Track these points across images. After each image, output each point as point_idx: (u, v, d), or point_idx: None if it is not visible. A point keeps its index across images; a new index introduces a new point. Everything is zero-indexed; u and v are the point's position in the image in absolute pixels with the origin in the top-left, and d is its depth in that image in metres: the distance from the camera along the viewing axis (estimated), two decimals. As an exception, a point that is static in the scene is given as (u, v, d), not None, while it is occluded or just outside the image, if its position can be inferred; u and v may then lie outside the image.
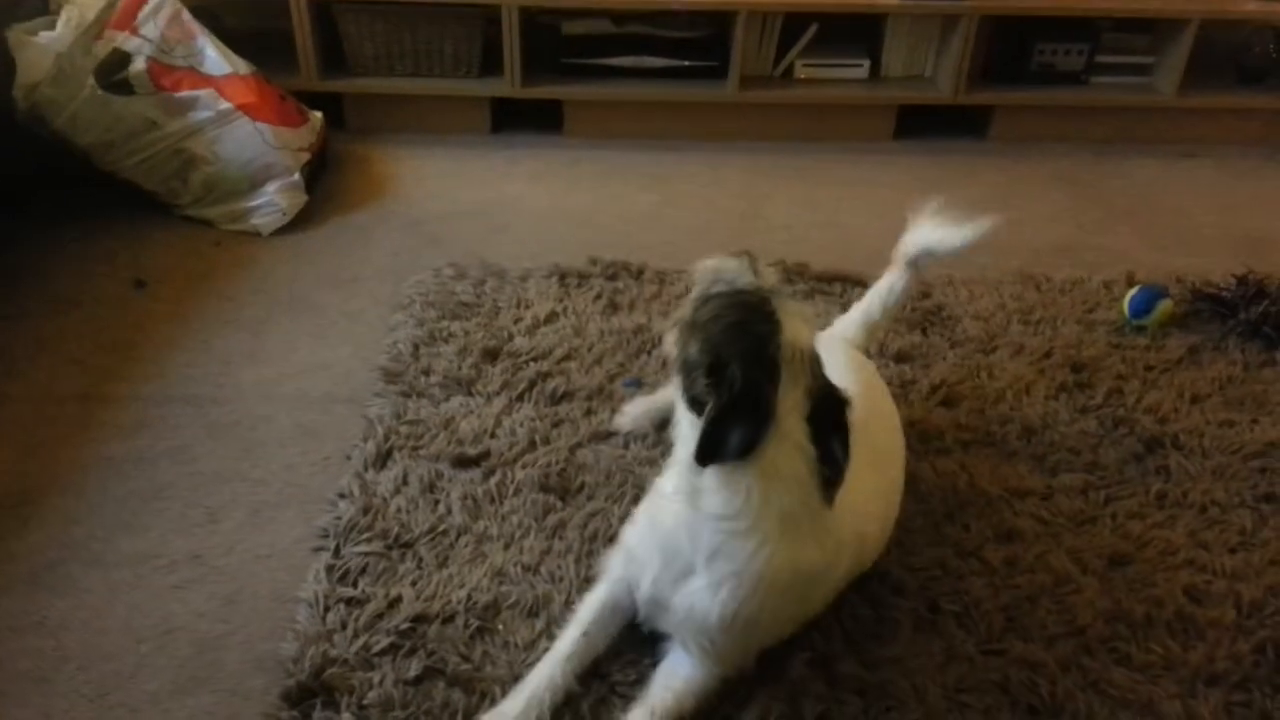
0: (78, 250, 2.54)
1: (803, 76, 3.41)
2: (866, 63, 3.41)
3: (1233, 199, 3.10)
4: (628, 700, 1.43)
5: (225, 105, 2.67)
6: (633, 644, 1.51)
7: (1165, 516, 1.81)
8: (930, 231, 1.93)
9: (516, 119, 3.37)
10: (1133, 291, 2.36)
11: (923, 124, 3.41)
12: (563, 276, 2.47)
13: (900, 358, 2.20)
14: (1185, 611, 1.61)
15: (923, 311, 2.37)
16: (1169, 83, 3.36)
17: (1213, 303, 2.38)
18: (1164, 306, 2.32)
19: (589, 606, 1.50)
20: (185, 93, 2.66)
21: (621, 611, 1.50)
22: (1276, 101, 3.45)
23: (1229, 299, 2.37)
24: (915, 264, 1.95)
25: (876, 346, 2.21)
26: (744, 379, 1.24)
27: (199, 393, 2.08)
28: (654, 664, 1.47)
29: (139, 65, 2.62)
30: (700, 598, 1.35)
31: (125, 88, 2.61)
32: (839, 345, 1.82)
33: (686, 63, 3.33)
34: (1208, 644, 1.56)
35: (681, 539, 1.36)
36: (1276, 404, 2.10)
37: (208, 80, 2.70)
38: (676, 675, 1.43)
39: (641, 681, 1.45)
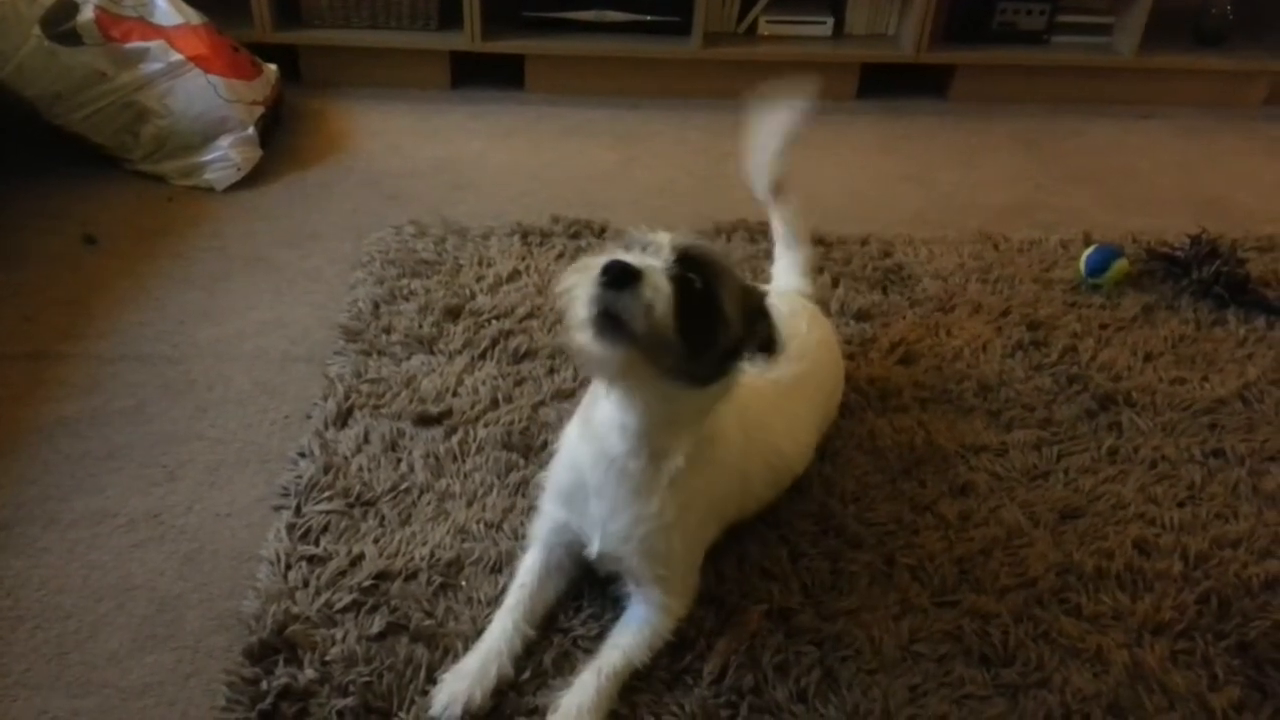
0: (26, 206, 2.48)
1: (766, 34, 3.39)
2: (830, 20, 3.40)
3: (1188, 160, 3.14)
4: (589, 653, 1.44)
5: (176, 57, 2.61)
6: (594, 598, 1.53)
7: (1116, 471, 1.85)
8: (759, 152, 1.96)
9: (477, 74, 3.33)
10: (1089, 251, 2.39)
11: (885, 83, 3.42)
12: (525, 235, 2.45)
13: (860, 316, 2.22)
14: (1134, 564, 1.65)
15: (883, 270, 2.39)
16: (1128, 43, 3.39)
17: (1167, 262, 2.42)
18: (1119, 266, 2.36)
19: (526, 566, 1.52)
20: (135, 44, 2.59)
21: (559, 568, 1.52)
22: (1232, 63, 3.49)
23: (1182, 259, 2.40)
24: (778, 185, 1.99)
25: (837, 304, 2.23)
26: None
27: (154, 351, 2.05)
28: (615, 618, 1.49)
29: (87, 15, 2.55)
30: (657, 518, 1.40)
31: (73, 38, 2.54)
32: (775, 294, 1.86)
33: (649, 18, 3.30)
34: (1155, 595, 1.60)
35: (606, 474, 1.41)
36: (1226, 362, 2.15)
37: (158, 31, 2.64)
38: (628, 631, 1.45)
39: (603, 635, 1.47)
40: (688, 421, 1.38)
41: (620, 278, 1.20)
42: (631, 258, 1.23)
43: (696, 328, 1.25)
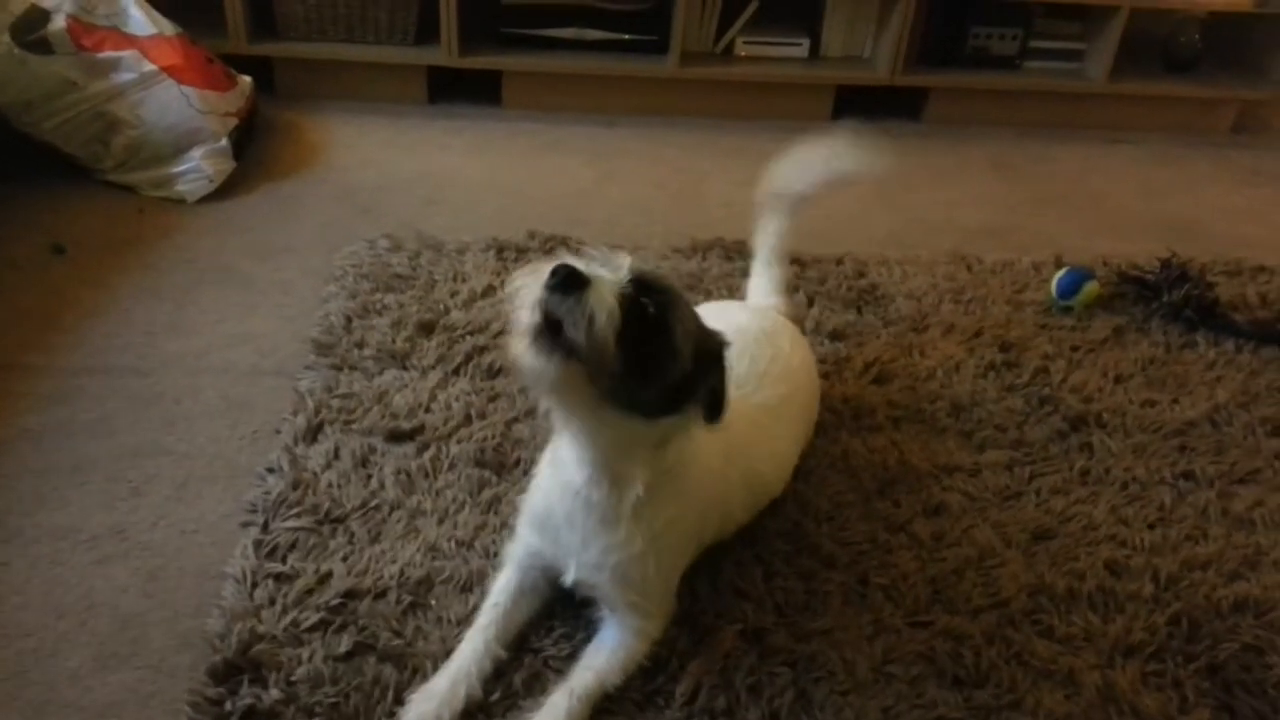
0: (-8, 215, 2.45)
1: (743, 54, 3.41)
2: (806, 41, 3.42)
3: (1158, 184, 3.18)
4: (560, 674, 1.43)
5: (149, 67, 2.59)
6: (566, 618, 1.51)
7: (1088, 493, 1.86)
8: (814, 166, 1.98)
9: (454, 89, 3.32)
10: (1060, 273, 2.41)
11: (860, 105, 3.45)
12: (500, 250, 2.44)
13: (835, 335, 2.22)
14: (1105, 585, 1.66)
15: (858, 290, 2.40)
16: (1099, 69, 3.44)
17: (1137, 285, 2.45)
18: (1090, 288, 2.38)
19: (499, 587, 1.50)
20: (107, 53, 2.57)
21: (533, 590, 1.51)
22: (1201, 90, 3.55)
23: (1153, 282, 2.43)
24: (796, 204, 2.01)
25: (812, 324, 2.23)
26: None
27: (121, 364, 2.01)
28: (587, 639, 1.47)
29: (58, 24, 2.52)
30: (625, 547, 1.38)
31: (44, 46, 2.51)
32: (752, 311, 1.90)
33: (627, 36, 3.31)
34: (1126, 616, 1.61)
35: (573, 504, 1.39)
36: (1197, 384, 2.17)
37: (131, 41, 2.61)
38: (600, 653, 1.44)
39: (575, 656, 1.45)
40: (642, 452, 1.35)
41: (567, 282, 1.17)
42: (584, 266, 1.20)
43: (640, 353, 1.21)
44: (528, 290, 1.19)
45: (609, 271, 1.22)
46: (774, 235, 2.04)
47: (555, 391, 1.25)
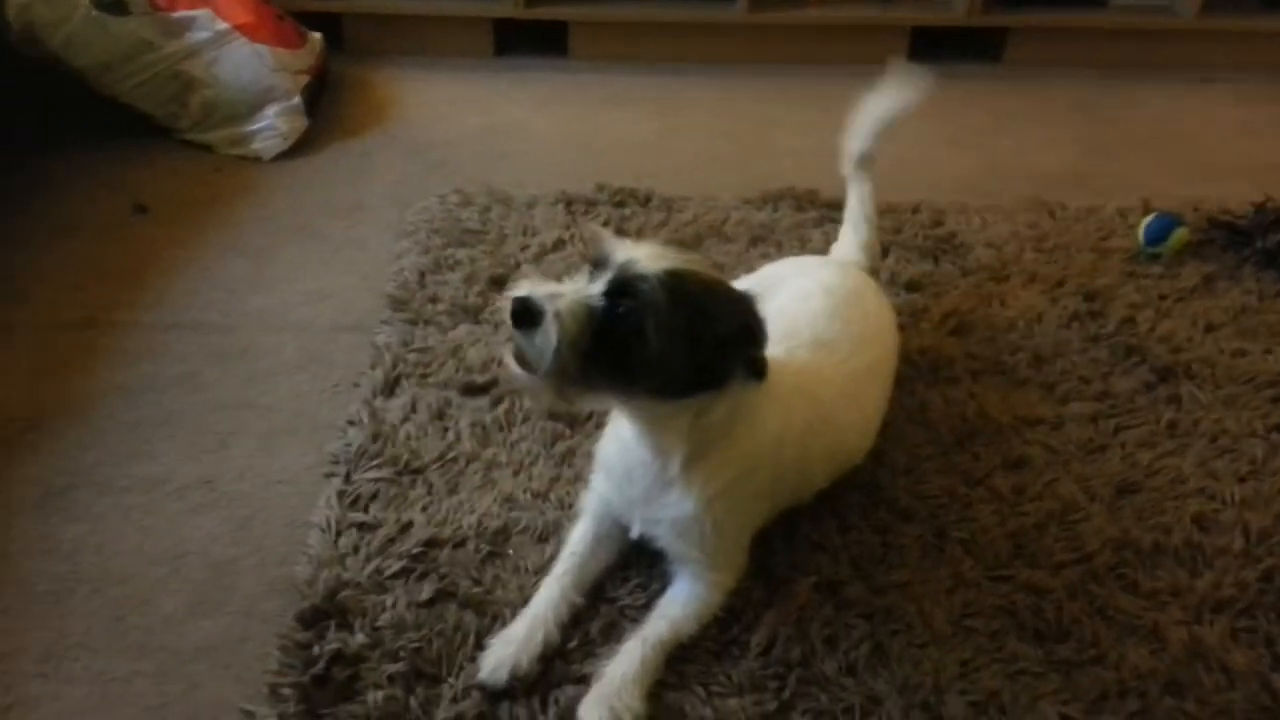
0: (76, 176, 2.51)
1: (814, -3, 3.32)
2: (880, -17, 3.32)
3: (1251, 125, 3.04)
4: (635, 623, 1.44)
5: (223, 25, 2.62)
6: (641, 569, 1.52)
7: (1175, 445, 1.81)
8: (864, 122, 1.96)
9: (520, 41, 3.30)
10: (1148, 219, 2.33)
11: (937, 47, 3.34)
12: (569, 203, 2.44)
13: (911, 286, 2.18)
14: (1193, 540, 1.62)
15: (935, 239, 2.34)
16: (1189, 4, 3.28)
17: (1228, 231, 2.35)
18: (1179, 234, 2.29)
19: (576, 536, 1.52)
20: (181, 12, 2.60)
21: (609, 538, 1.52)
22: (1298, 25, 3.36)
23: (1245, 227, 2.33)
24: (865, 162, 1.98)
25: (888, 275, 2.19)
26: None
27: (204, 320, 2.06)
28: (662, 589, 1.48)
29: (134, -16, 2.55)
30: (678, 506, 1.40)
31: (120, 7, 2.55)
32: (837, 267, 1.86)
33: (695, -18, 3.25)
34: (1215, 572, 1.57)
35: (631, 462, 1.43)
36: (1290, 333, 2.09)
37: (205, 0, 2.64)
38: (675, 603, 1.45)
39: (650, 606, 1.46)
40: (673, 424, 1.35)
41: (520, 317, 1.24)
42: (546, 292, 1.24)
43: (620, 358, 1.24)
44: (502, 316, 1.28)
45: (594, 280, 1.26)
46: (857, 197, 2.00)
47: (547, 403, 1.39)
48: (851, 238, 1.99)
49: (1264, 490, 1.72)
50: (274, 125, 2.64)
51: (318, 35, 2.92)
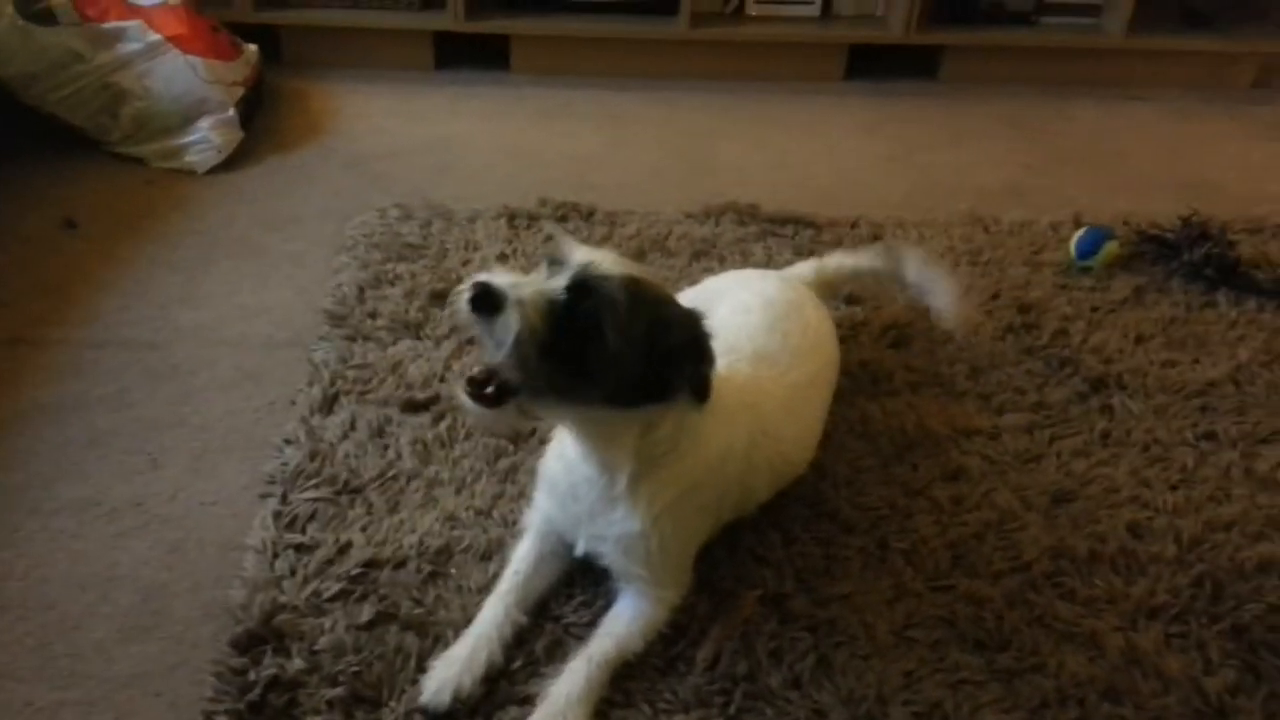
0: (3, 190, 2.43)
1: (754, 14, 3.36)
2: (818, 0, 3.36)
3: (1177, 142, 3.13)
4: (580, 641, 1.43)
5: (155, 37, 2.57)
6: (586, 586, 1.51)
7: (1109, 455, 1.84)
8: (928, 279, 2.03)
9: (461, 54, 3.28)
10: (1079, 233, 2.38)
11: (874, 64, 3.39)
12: (512, 217, 2.42)
13: (852, 300, 2.20)
14: (1127, 547, 1.65)
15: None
16: (1117, 24, 3.37)
17: (1157, 244, 2.41)
18: (1109, 248, 2.35)
19: (520, 554, 1.51)
20: (112, 23, 2.55)
21: (552, 556, 1.51)
22: (1220, 45, 3.48)
23: (1173, 241, 2.39)
24: (900, 277, 2.05)
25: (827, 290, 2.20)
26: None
27: (135, 337, 2.01)
28: (607, 606, 1.47)
29: (62, -7, 2.49)
30: (624, 523, 1.39)
31: (48, 17, 2.49)
32: (777, 280, 1.88)
33: (637, -3, 3.26)
34: (1149, 578, 1.60)
35: (575, 479, 1.42)
36: (1217, 344, 2.14)
37: (136, 10, 2.59)
38: (620, 620, 1.44)
39: (595, 624, 1.45)
40: (627, 439, 1.35)
41: (481, 302, 1.20)
42: (507, 281, 1.21)
43: (579, 356, 1.23)
44: (458, 304, 1.23)
45: (551, 277, 1.24)
46: (862, 265, 2.07)
47: (500, 432, 1.38)
48: (818, 266, 2.04)
49: (1194, 497, 1.76)
50: (208, 138, 2.60)
51: (253, 47, 2.88)
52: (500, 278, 1.22)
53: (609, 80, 3.26)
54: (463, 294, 1.22)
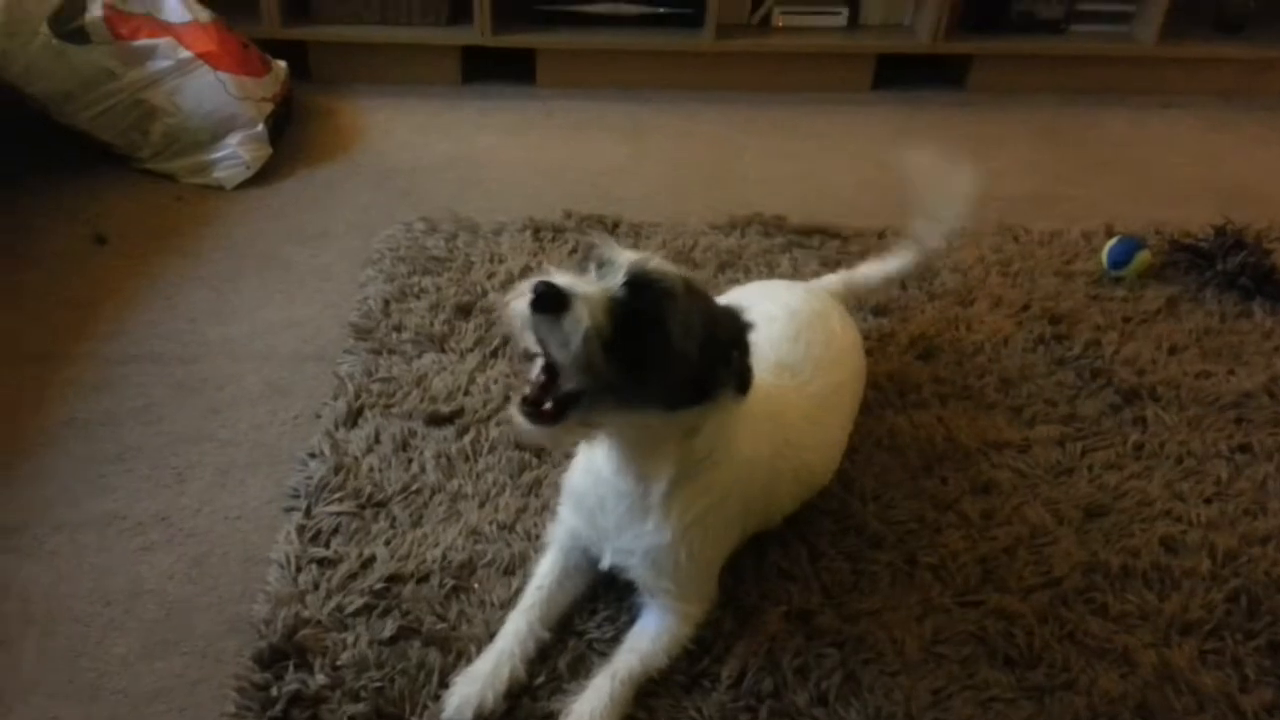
0: (35, 205, 2.47)
1: (780, 25, 3.35)
2: (845, 10, 3.35)
3: (1210, 149, 3.08)
4: (604, 657, 1.42)
5: (185, 54, 2.59)
6: (609, 601, 1.50)
7: (1142, 467, 1.81)
8: (937, 213, 1.99)
9: (488, 69, 3.30)
10: (1111, 242, 2.35)
11: (901, 74, 3.37)
12: (537, 230, 2.43)
13: (878, 311, 2.18)
14: (1161, 562, 1.62)
15: (901, 264, 2.35)
16: (1148, 32, 3.33)
17: (1190, 254, 2.37)
18: (1142, 257, 2.31)
19: (543, 569, 1.50)
20: (143, 41, 2.57)
21: (576, 571, 1.50)
22: (1253, 52, 3.42)
23: (1206, 250, 2.36)
24: (924, 249, 2.02)
25: (855, 300, 2.18)
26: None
27: (164, 351, 2.03)
28: (631, 621, 1.46)
29: (95, 12, 2.53)
30: (654, 535, 1.37)
31: (81, 36, 2.52)
32: (802, 290, 1.86)
33: (662, 10, 3.26)
34: (1183, 593, 1.57)
35: (606, 491, 1.40)
36: (1252, 355, 2.10)
37: (167, 28, 2.62)
38: (644, 636, 1.43)
39: (619, 639, 1.44)
40: (669, 445, 1.34)
41: (546, 302, 1.16)
42: (568, 281, 1.19)
43: (640, 356, 1.21)
44: (516, 306, 1.19)
45: (603, 278, 1.22)
46: (891, 261, 2.05)
47: (556, 447, 1.35)
48: (849, 277, 2.03)
49: (1229, 511, 1.72)
50: (237, 154, 2.62)
51: (282, 63, 2.90)
52: (560, 277, 1.20)
53: (635, 93, 3.26)
54: (520, 296, 1.19)
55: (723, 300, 1.82)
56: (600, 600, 1.51)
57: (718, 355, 1.28)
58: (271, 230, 2.45)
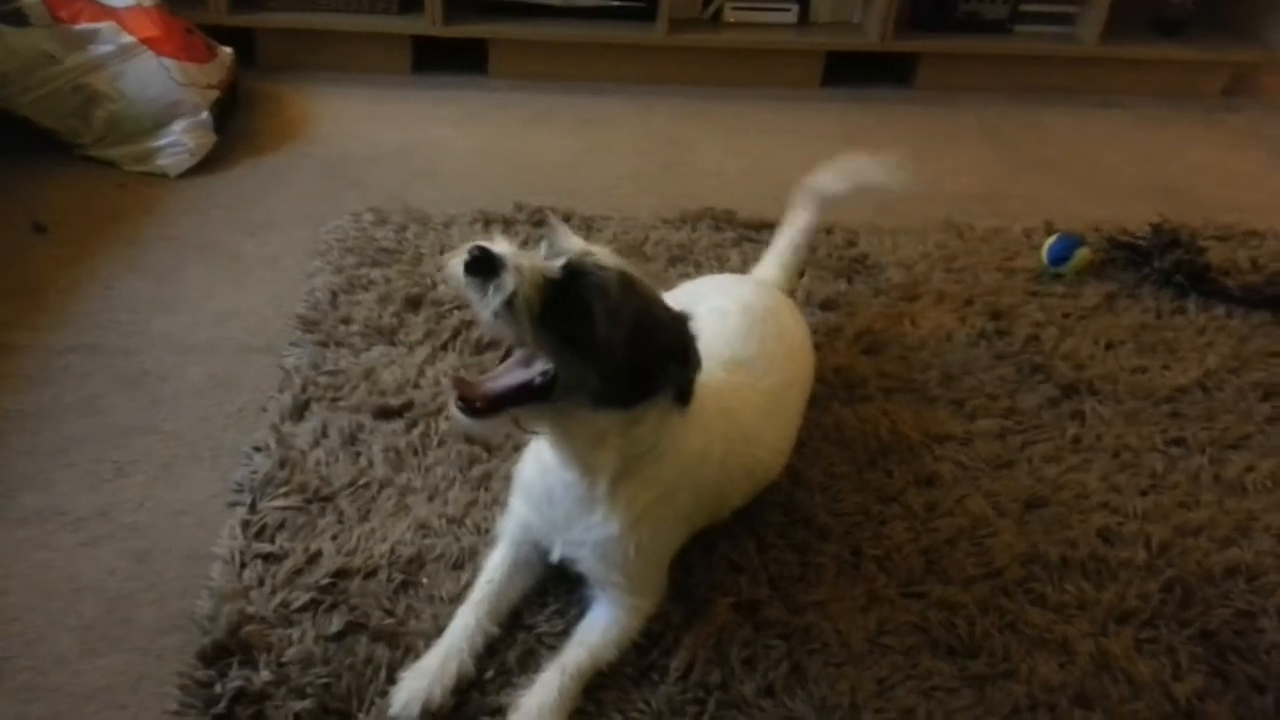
0: (-30, 192, 2.41)
1: (731, 20, 3.37)
2: (795, 7, 3.38)
3: (1148, 149, 3.16)
4: (553, 650, 1.42)
5: (128, 39, 2.54)
6: (559, 595, 1.51)
7: (1080, 460, 1.85)
8: (850, 173, 2.01)
9: (439, 59, 3.27)
10: (1051, 240, 2.40)
11: (850, 71, 3.41)
12: (487, 222, 2.42)
13: (826, 306, 2.21)
14: (1098, 553, 1.66)
15: (848, 260, 2.38)
16: (1090, 32, 3.40)
17: (1128, 251, 2.43)
18: (1081, 255, 2.37)
19: (493, 563, 1.50)
20: (85, 25, 2.52)
21: (526, 564, 1.50)
22: (1193, 53, 3.51)
23: (1144, 248, 2.42)
24: (824, 202, 2.04)
25: (803, 294, 2.21)
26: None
27: (106, 342, 1.99)
28: (580, 615, 1.46)
29: (33, -6, 2.47)
30: (602, 528, 1.38)
31: (19, 18, 2.47)
32: (753, 285, 1.87)
33: (615, 3, 3.26)
34: (1119, 584, 1.61)
35: (554, 483, 1.41)
36: (1186, 350, 2.16)
37: (109, 12, 2.56)
38: (594, 629, 1.43)
39: (568, 633, 1.44)
40: (611, 438, 1.33)
41: (480, 265, 1.20)
42: (505, 249, 1.21)
43: (567, 338, 1.22)
44: (452, 268, 1.22)
45: (549, 256, 1.24)
46: (797, 227, 2.06)
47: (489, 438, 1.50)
48: (775, 259, 2.03)
49: (1164, 503, 1.77)
50: (181, 141, 2.57)
51: (228, 50, 2.85)
52: (498, 245, 1.22)
53: (587, 85, 3.26)
54: (458, 258, 1.21)
55: (674, 297, 1.84)
56: (550, 594, 1.51)
57: (650, 359, 1.27)
58: (216, 219, 2.41)
